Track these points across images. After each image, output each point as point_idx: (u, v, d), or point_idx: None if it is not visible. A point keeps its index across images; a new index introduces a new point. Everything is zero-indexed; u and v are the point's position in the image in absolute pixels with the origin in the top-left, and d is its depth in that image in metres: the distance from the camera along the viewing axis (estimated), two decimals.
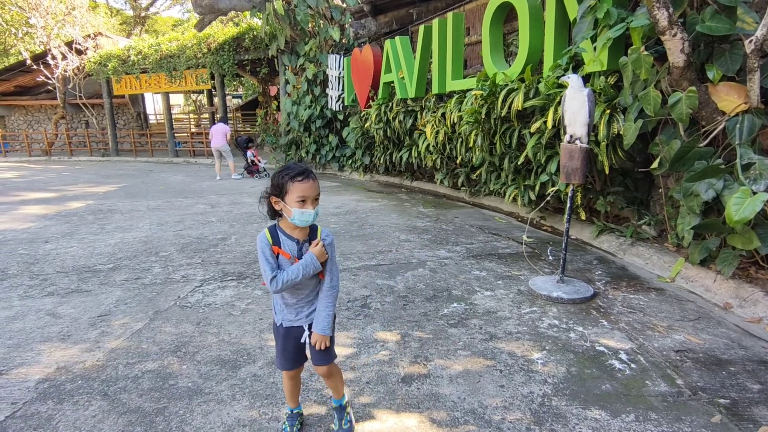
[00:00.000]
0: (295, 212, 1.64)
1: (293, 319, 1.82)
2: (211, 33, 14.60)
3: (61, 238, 5.35)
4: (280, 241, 1.72)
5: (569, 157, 3.33)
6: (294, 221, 1.67)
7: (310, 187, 1.64)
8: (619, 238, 4.71)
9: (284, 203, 1.66)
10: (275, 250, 1.70)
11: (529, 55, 5.05)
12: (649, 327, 2.95)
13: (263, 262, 1.69)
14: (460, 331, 2.91)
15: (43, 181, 11.12)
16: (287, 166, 1.69)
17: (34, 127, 21.09)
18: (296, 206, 1.64)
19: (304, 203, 1.64)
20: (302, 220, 1.66)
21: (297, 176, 1.64)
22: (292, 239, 1.73)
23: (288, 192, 1.64)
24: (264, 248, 1.69)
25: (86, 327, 2.98)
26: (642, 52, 3.20)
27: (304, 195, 1.63)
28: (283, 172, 1.67)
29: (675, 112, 3.16)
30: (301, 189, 1.63)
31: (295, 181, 1.63)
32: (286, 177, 1.65)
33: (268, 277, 1.68)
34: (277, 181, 1.67)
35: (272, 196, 1.69)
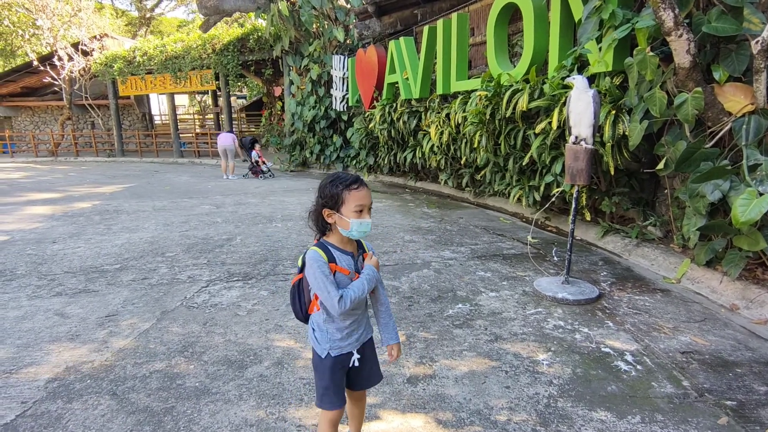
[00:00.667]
0: (353, 223, 1.51)
1: (344, 345, 1.64)
2: (215, 34, 14.66)
3: (68, 238, 5.39)
4: (334, 257, 1.56)
5: (574, 158, 3.33)
6: (351, 233, 1.53)
7: (366, 195, 1.53)
8: (624, 238, 4.70)
9: (339, 215, 1.52)
10: (333, 267, 1.54)
11: (534, 56, 5.04)
12: (655, 328, 2.95)
13: (324, 283, 1.50)
14: (466, 331, 2.92)
15: (49, 181, 11.20)
16: (337, 176, 1.56)
17: (40, 128, 21.25)
18: (354, 216, 1.50)
19: (362, 213, 1.52)
20: (361, 231, 1.53)
21: (352, 184, 1.51)
22: (347, 253, 1.59)
23: (344, 202, 1.50)
24: (322, 267, 1.51)
25: (94, 327, 3.01)
26: (647, 52, 3.19)
27: (362, 204, 1.51)
28: (336, 182, 1.53)
29: (681, 113, 3.15)
30: (359, 197, 1.51)
31: (351, 189, 1.50)
32: (340, 186, 1.51)
33: (335, 298, 1.50)
34: (329, 192, 1.52)
35: (325, 208, 1.54)
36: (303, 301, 1.66)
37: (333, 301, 1.50)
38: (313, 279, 1.52)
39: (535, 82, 4.87)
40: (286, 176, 11.77)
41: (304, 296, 1.65)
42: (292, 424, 2.05)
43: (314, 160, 12.40)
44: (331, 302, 1.51)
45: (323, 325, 1.62)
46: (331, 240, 1.60)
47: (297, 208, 7.15)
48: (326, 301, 1.52)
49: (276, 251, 4.73)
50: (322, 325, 1.62)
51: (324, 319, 1.61)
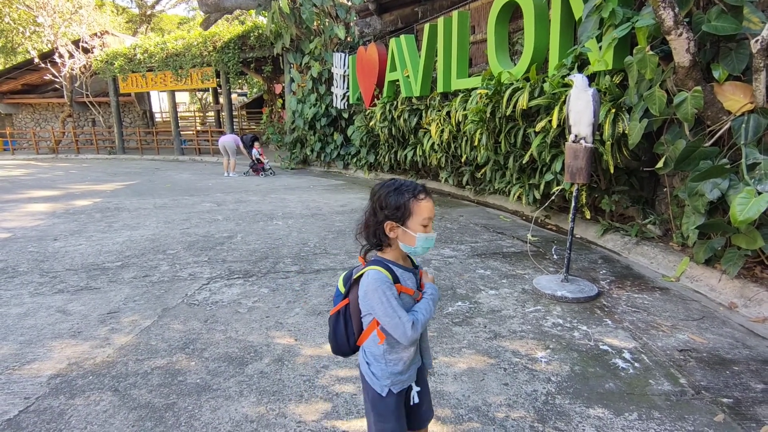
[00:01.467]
0: (419, 238, 1.33)
1: (405, 378, 1.43)
2: (216, 31, 14.67)
3: (70, 235, 5.42)
4: (398, 277, 1.36)
5: (574, 157, 3.34)
6: (415, 250, 1.35)
7: (432, 207, 1.37)
8: (624, 237, 4.71)
9: (404, 228, 1.34)
10: (398, 288, 1.35)
11: (534, 54, 5.05)
12: (653, 326, 2.96)
13: (392, 306, 1.30)
14: (465, 329, 2.94)
15: (50, 179, 11.22)
16: (400, 183, 1.37)
17: (41, 125, 21.28)
18: (421, 230, 1.33)
19: (427, 227, 1.35)
20: (425, 248, 1.35)
21: (420, 194, 1.34)
22: (409, 270, 1.41)
23: (411, 214, 1.33)
24: (387, 289, 1.31)
25: (96, 324, 3.03)
26: (647, 51, 3.20)
27: (430, 216, 1.35)
28: (401, 190, 1.34)
29: (680, 112, 3.16)
30: (428, 209, 1.34)
31: (419, 200, 1.33)
32: (406, 195, 1.33)
33: (407, 324, 1.30)
34: (394, 202, 1.33)
35: (389, 221, 1.34)
36: (351, 330, 1.45)
37: (405, 327, 1.30)
38: (378, 303, 1.31)
39: (536, 81, 4.88)
40: (286, 174, 11.78)
41: (352, 324, 1.44)
42: (292, 420, 2.07)
43: (315, 158, 12.41)
44: (402, 329, 1.30)
45: (383, 356, 1.40)
46: (388, 256, 1.40)
47: (298, 206, 7.17)
48: (396, 328, 1.31)
49: (277, 249, 4.75)
50: (382, 356, 1.40)
51: (385, 349, 1.39)
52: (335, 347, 1.48)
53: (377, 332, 1.37)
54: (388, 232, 1.36)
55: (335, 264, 4.20)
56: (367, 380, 1.42)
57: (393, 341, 1.38)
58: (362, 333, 1.42)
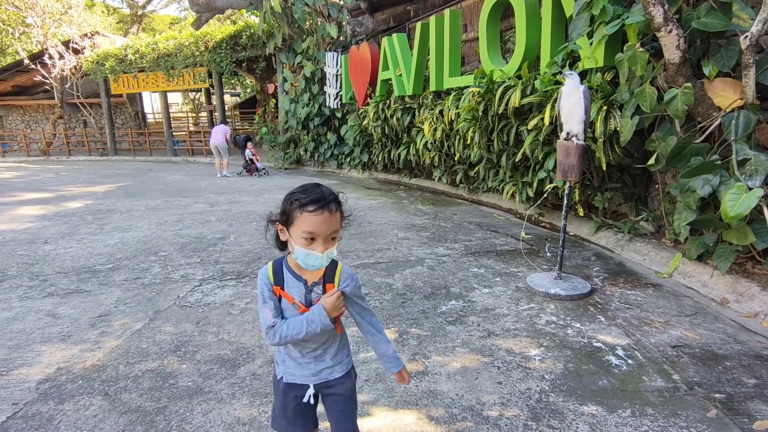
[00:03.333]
0: (298, 251, 1.28)
1: (297, 375, 1.44)
2: (208, 31, 14.58)
3: (60, 238, 5.36)
4: (283, 280, 1.36)
5: (566, 154, 3.34)
6: (295, 258, 1.31)
7: (323, 221, 1.25)
8: (617, 234, 4.72)
9: (289, 235, 1.30)
10: (276, 291, 1.35)
11: (526, 52, 5.05)
12: (646, 323, 2.97)
13: (260, 305, 1.35)
14: (458, 328, 2.93)
15: (41, 181, 11.11)
16: (303, 188, 1.30)
17: (32, 127, 21.07)
18: (300, 243, 1.27)
19: (313, 242, 1.26)
20: (306, 263, 1.30)
21: (308, 204, 1.24)
22: (300, 279, 1.36)
23: (293, 222, 1.27)
24: (263, 288, 1.35)
25: (86, 327, 3.00)
26: (637, 48, 3.20)
27: (313, 231, 1.25)
28: (294, 196, 1.29)
29: (671, 109, 3.17)
30: (310, 223, 1.24)
31: (304, 210, 1.25)
32: (295, 203, 1.27)
33: (265, 325, 1.33)
34: (284, 206, 1.30)
35: (278, 222, 1.33)
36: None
37: (264, 328, 1.34)
38: (257, 295, 1.38)
39: (528, 79, 4.88)
40: (280, 174, 11.74)
41: None
42: None
43: (308, 158, 12.37)
44: (264, 329, 1.34)
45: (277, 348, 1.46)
46: (290, 259, 1.38)
47: None
48: (262, 325, 1.35)
49: (270, 249, 4.72)
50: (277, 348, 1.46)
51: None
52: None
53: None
54: (279, 232, 1.35)
55: None
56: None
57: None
58: None
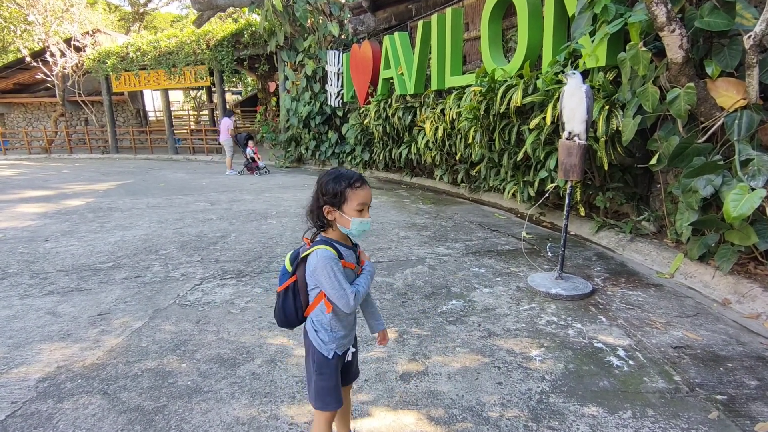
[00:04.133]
0: (354, 222, 1.50)
1: (346, 342, 1.65)
2: (209, 29, 14.56)
3: (61, 236, 5.36)
4: (341, 253, 1.54)
5: (567, 154, 3.33)
6: (351, 232, 1.53)
7: (368, 193, 1.53)
8: (618, 234, 4.71)
9: (340, 212, 1.51)
10: (343, 264, 1.53)
11: (528, 51, 5.03)
12: (648, 323, 2.96)
13: (338, 280, 1.49)
14: (459, 328, 2.92)
15: (42, 178, 11.12)
16: (339, 172, 1.54)
17: (33, 125, 21.08)
18: (355, 215, 1.50)
19: (362, 212, 1.51)
20: (360, 230, 1.52)
21: (355, 182, 1.51)
22: (349, 248, 1.60)
23: (347, 200, 1.50)
24: (333, 266, 1.48)
25: (86, 326, 2.99)
26: (640, 48, 3.18)
27: (364, 202, 1.51)
28: (339, 178, 1.51)
29: (674, 108, 3.15)
30: (362, 196, 1.50)
31: (354, 188, 1.50)
32: (343, 183, 1.50)
33: (351, 295, 1.50)
34: (332, 189, 1.51)
35: (327, 205, 1.52)
36: (299, 304, 1.61)
37: (348, 298, 1.49)
38: (326, 278, 1.48)
39: (529, 78, 4.86)
40: (281, 173, 11.73)
41: (300, 299, 1.61)
42: (284, 422, 2.05)
43: (309, 157, 12.36)
44: (346, 300, 1.49)
45: (330, 323, 1.59)
46: (331, 236, 1.58)
47: (292, 204, 7.14)
48: (341, 298, 1.49)
49: (270, 248, 4.72)
50: (329, 324, 1.59)
51: (330, 317, 1.58)
52: (283, 320, 1.66)
53: (324, 303, 1.56)
54: (327, 215, 1.53)
55: None
56: (315, 345, 1.61)
57: (338, 309, 1.56)
58: (309, 305, 1.60)
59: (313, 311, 1.60)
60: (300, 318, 1.64)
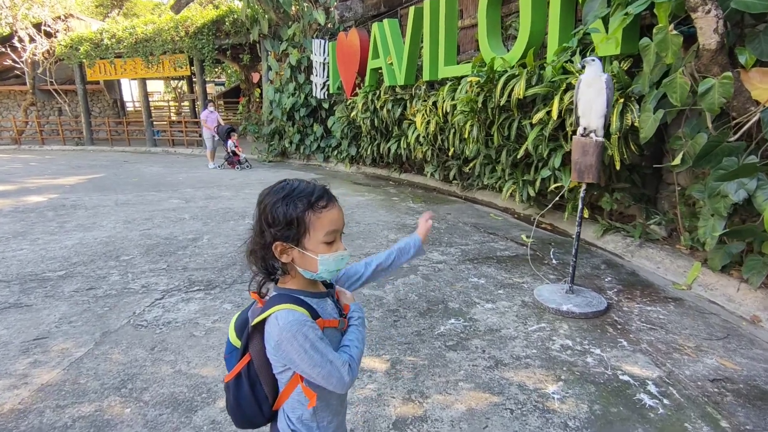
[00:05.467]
0: (323, 261, 1.00)
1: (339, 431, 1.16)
2: (189, 16, 13.85)
3: (12, 238, 4.81)
4: (316, 310, 1.04)
5: (582, 153, 2.92)
6: (320, 276, 1.03)
7: (338, 214, 1.03)
8: (625, 238, 4.35)
9: (300, 250, 1.00)
10: (320, 325, 1.03)
11: (531, 38, 4.60)
12: (675, 348, 2.58)
13: (319, 353, 0.98)
14: (460, 355, 2.51)
15: (6, 172, 10.41)
16: (293, 187, 1.01)
17: (2, 115, 20.07)
18: (324, 250, 1.00)
19: (334, 243, 1.02)
20: (332, 270, 1.03)
21: (319, 201, 1.00)
22: (322, 295, 1.09)
23: (309, 230, 0.99)
24: (308, 331, 0.97)
25: (16, 354, 2.50)
26: (670, 31, 2.78)
27: (336, 228, 1.02)
28: (294, 198, 0.99)
29: (705, 102, 2.76)
30: (331, 220, 1.01)
31: (317, 209, 0.99)
32: (300, 205, 0.98)
33: (342, 368, 1.00)
34: (284, 215, 0.98)
35: (278, 241, 1.00)
36: (262, 394, 1.07)
37: (341, 373, 0.99)
38: (300, 354, 0.96)
39: (533, 67, 4.44)
40: (264, 167, 11.19)
41: (262, 386, 1.06)
42: None
43: (294, 151, 11.83)
44: (338, 376, 0.99)
45: (314, 418, 1.07)
46: (291, 285, 1.06)
47: None
48: (329, 377, 0.99)
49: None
50: (312, 419, 1.07)
51: (315, 409, 1.06)
52: (242, 419, 1.10)
53: (303, 389, 1.03)
54: (279, 255, 1.02)
55: None
56: None
57: (325, 395, 1.06)
58: (279, 395, 1.07)
59: (286, 402, 1.07)
60: (267, 414, 1.09)
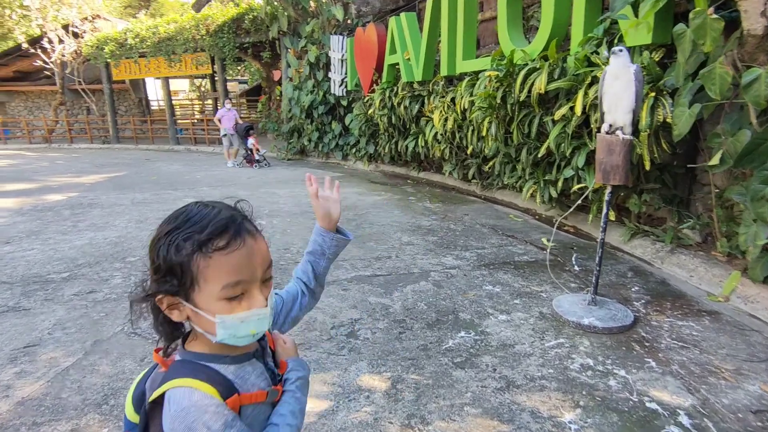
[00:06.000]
0: (221, 323, 0.74)
1: None
2: (209, 14, 13.93)
3: (26, 237, 4.82)
4: (231, 381, 0.78)
5: (608, 152, 2.66)
6: (224, 341, 0.77)
7: (250, 256, 0.75)
8: (655, 243, 4.04)
9: (193, 307, 0.75)
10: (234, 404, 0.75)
11: (554, 28, 4.31)
12: (711, 371, 2.31)
13: None
14: (468, 374, 2.29)
15: (33, 170, 10.65)
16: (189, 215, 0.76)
17: (34, 114, 20.71)
18: (223, 308, 0.74)
19: (242, 298, 0.75)
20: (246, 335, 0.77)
21: (216, 240, 0.73)
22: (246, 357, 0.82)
23: (198, 279, 0.73)
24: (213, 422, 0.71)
25: (4, 363, 2.41)
26: (710, 14, 2.48)
27: (243, 279, 0.74)
28: (179, 233, 0.74)
29: (749, 94, 2.46)
30: (233, 267, 0.73)
31: (209, 251, 0.73)
32: (184, 246, 0.73)
33: None
34: (164, 258, 0.74)
35: (162, 293, 0.76)
36: None
37: None
38: None
39: (555, 60, 4.16)
40: (282, 165, 11.14)
41: None
42: None
43: (312, 148, 11.74)
44: None
45: None
46: (198, 347, 0.80)
47: (288, 202, 6.54)
48: None
49: None
50: None
51: None
52: None
53: None
54: (168, 312, 0.77)
55: None
56: None
57: None
58: None
59: None
60: None
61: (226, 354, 0.80)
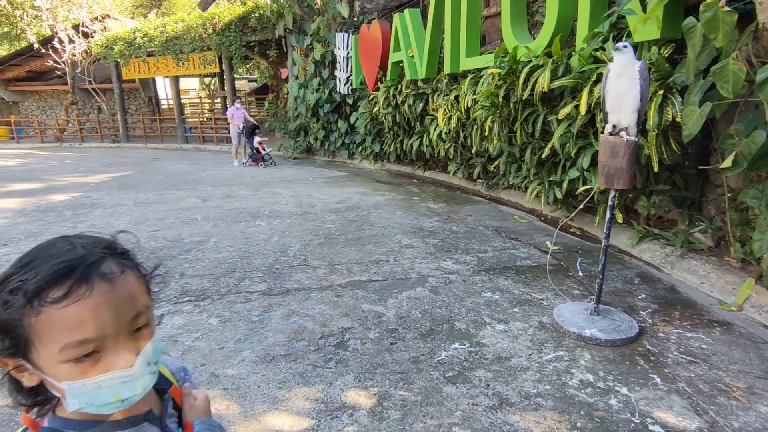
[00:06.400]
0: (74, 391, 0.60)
1: None
2: (216, 12, 13.91)
3: (24, 239, 4.80)
4: None
5: (611, 154, 2.51)
6: (83, 410, 0.62)
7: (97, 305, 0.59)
8: (664, 247, 3.87)
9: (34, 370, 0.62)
10: None
11: (559, 24, 4.15)
12: (721, 389, 2.16)
13: None
14: (460, 390, 2.17)
15: (41, 169, 10.74)
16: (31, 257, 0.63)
17: (47, 113, 20.95)
18: (70, 373, 0.59)
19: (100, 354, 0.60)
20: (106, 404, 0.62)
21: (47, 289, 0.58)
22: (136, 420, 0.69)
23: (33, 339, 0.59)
24: None
25: None
26: (722, 7, 2.32)
27: (88, 336, 0.58)
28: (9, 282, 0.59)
29: (765, 93, 2.29)
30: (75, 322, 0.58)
31: (42, 304, 0.57)
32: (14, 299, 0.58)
33: None
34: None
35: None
36: None
37: None
38: None
39: (559, 57, 4.00)
40: (288, 164, 11.09)
41: None
42: None
43: (318, 147, 11.67)
44: None
45: None
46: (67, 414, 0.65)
47: (289, 202, 6.46)
48: None
49: (249, 258, 4.04)
50: None
51: None
52: None
53: None
54: (17, 375, 0.63)
55: (311, 281, 3.47)
56: None
57: None
58: None
59: None
60: None
61: (102, 419, 0.66)
